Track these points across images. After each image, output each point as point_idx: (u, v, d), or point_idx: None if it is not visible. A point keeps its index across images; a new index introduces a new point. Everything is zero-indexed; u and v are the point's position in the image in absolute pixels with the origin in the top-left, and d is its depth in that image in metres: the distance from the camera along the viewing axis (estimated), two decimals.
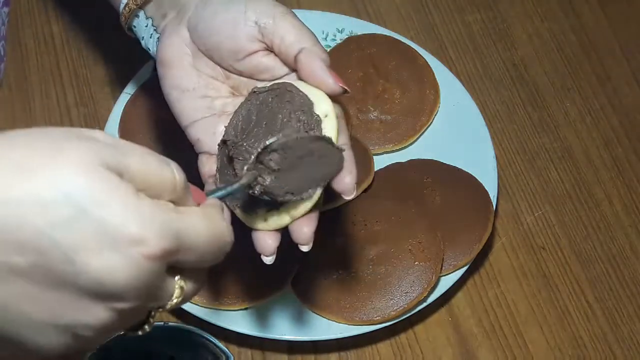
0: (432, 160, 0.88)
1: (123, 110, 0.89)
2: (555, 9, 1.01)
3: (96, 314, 0.44)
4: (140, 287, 0.44)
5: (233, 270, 0.81)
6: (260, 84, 0.67)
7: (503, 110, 0.95)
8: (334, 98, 0.65)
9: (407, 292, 0.80)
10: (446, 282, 0.82)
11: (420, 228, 0.82)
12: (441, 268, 0.81)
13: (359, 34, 0.94)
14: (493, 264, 0.87)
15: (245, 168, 0.60)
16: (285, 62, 0.67)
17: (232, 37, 0.66)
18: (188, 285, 0.49)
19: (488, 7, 1.01)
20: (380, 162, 0.89)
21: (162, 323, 0.74)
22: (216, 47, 0.67)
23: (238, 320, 0.80)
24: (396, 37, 0.94)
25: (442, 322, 0.84)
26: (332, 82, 0.64)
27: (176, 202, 0.48)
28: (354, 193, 0.64)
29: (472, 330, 0.83)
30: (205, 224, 0.48)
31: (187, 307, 0.80)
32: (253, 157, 0.59)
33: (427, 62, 0.92)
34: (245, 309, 0.81)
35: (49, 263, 0.42)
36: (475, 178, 0.86)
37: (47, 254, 0.42)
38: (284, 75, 0.67)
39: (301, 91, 0.64)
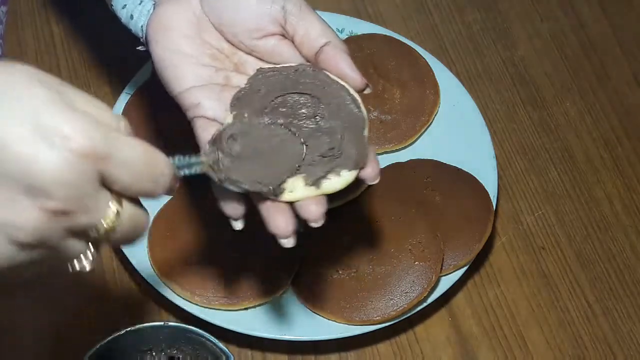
0: (432, 160, 0.88)
1: (123, 110, 0.89)
2: (555, 9, 1.01)
3: (27, 213, 0.47)
4: (67, 185, 0.47)
5: (233, 270, 0.81)
6: (266, 66, 0.67)
7: (503, 110, 0.95)
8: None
9: (407, 292, 0.80)
10: (446, 282, 0.82)
11: (420, 228, 0.82)
12: (441, 268, 0.81)
13: (359, 34, 0.94)
14: (493, 264, 0.87)
15: (203, 150, 0.59)
16: (303, 52, 0.67)
17: (255, 15, 0.66)
18: (125, 213, 0.50)
19: (488, 7, 1.01)
20: (380, 162, 0.88)
21: (162, 323, 0.74)
22: (233, 21, 0.67)
23: (238, 320, 0.80)
24: (396, 37, 0.94)
25: (442, 322, 0.84)
26: (359, 77, 0.66)
27: None
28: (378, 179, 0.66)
29: (472, 330, 0.83)
30: (139, 144, 0.50)
31: (187, 307, 0.80)
32: (211, 137, 0.60)
33: (427, 62, 0.92)
34: (245, 309, 0.81)
35: None
36: (475, 178, 0.86)
37: None
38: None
39: (330, 76, 0.65)
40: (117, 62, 0.96)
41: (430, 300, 0.81)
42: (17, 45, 0.97)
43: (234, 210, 0.64)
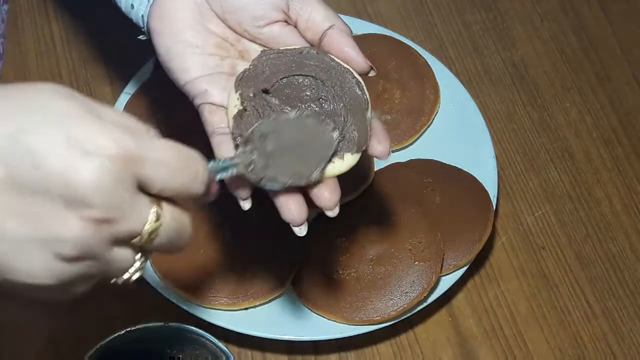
0: (432, 160, 0.88)
1: (123, 110, 0.89)
2: (555, 9, 1.01)
3: (70, 225, 0.46)
4: (106, 192, 0.47)
5: (233, 270, 0.81)
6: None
7: (503, 110, 0.95)
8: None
9: (407, 292, 0.80)
10: (446, 282, 0.82)
11: (420, 228, 0.82)
12: (441, 268, 0.81)
13: (358, 34, 0.94)
14: (493, 264, 0.87)
15: (239, 150, 0.59)
16: (307, 37, 0.67)
17: (258, 2, 0.66)
18: (166, 215, 0.50)
19: (488, 7, 1.01)
20: (380, 162, 0.89)
21: (162, 323, 0.74)
22: (237, 10, 0.67)
23: (238, 320, 0.80)
24: (396, 37, 0.94)
25: (442, 322, 0.84)
26: (363, 59, 0.66)
27: None
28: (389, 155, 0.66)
29: (472, 330, 0.83)
30: (172, 145, 0.51)
31: (187, 307, 0.80)
32: (242, 139, 0.60)
33: (427, 62, 0.92)
34: (245, 309, 0.81)
35: (19, 169, 0.46)
36: (475, 178, 0.86)
37: (17, 160, 0.46)
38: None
39: (334, 58, 0.65)
40: (117, 62, 0.96)
41: (430, 300, 0.81)
42: (17, 45, 0.97)
43: (242, 190, 0.64)
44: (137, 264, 0.52)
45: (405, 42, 0.94)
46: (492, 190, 0.86)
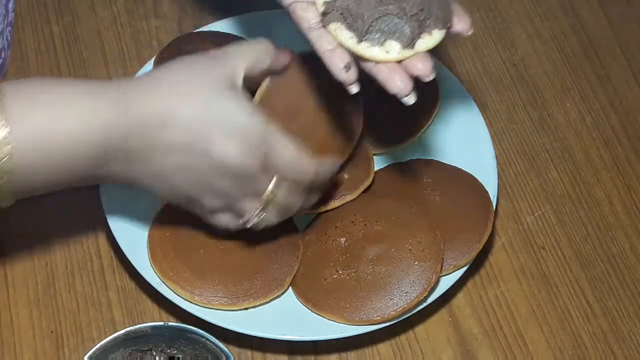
0: (432, 160, 0.88)
1: None
2: (555, 9, 1.01)
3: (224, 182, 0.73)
4: (245, 165, 0.71)
5: (233, 270, 0.81)
6: None
7: (503, 110, 0.95)
8: None
9: (407, 292, 0.80)
10: (446, 282, 0.82)
11: (420, 228, 0.82)
12: (441, 268, 0.81)
13: None
14: (493, 264, 0.87)
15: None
16: None
17: None
18: (278, 195, 0.73)
19: (488, 7, 1.01)
20: (380, 162, 0.89)
21: (162, 323, 0.74)
22: None
23: (238, 320, 0.80)
24: None
25: (442, 322, 0.84)
26: None
27: None
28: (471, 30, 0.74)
29: (472, 330, 0.83)
30: (292, 145, 0.73)
31: (187, 307, 0.79)
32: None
33: None
34: (245, 309, 0.81)
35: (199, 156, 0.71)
36: (475, 178, 0.86)
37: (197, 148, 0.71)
38: None
39: None
40: (117, 62, 0.96)
41: (430, 300, 0.81)
42: (17, 45, 0.96)
43: (347, 69, 0.70)
44: (257, 212, 0.74)
45: None
46: (492, 190, 0.85)
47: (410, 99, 0.70)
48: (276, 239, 0.82)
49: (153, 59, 0.91)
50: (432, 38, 0.72)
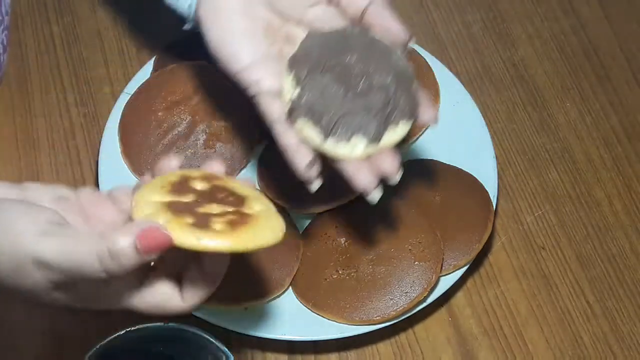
0: (432, 160, 0.88)
1: (123, 110, 0.89)
2: (555, 9, 1.01)
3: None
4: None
5: (233, 270, 0.81)
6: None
7: (503, 110, 0.95)
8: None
9: (407, 292, 0.80)
10: (446, 282, 0.82)
11: (420, 228, 0.82)
12: (441, 268, 0.81)
13: None
14: (493, 264, 0.87)
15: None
16: (349, 15, 0.70)
17: None
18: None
19: (488, 7, 1.01)
20: None
21: (162, 323, 0.74)
22: None
23: (238, 320, 0.80)
24: None
25: (442, 322, 0.84)
26: (404, 31, 0.69)
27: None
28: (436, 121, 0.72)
29: (472, 330, 0.83)
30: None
31: None
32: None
33: (427, 62, 0.92)
34: (245, 309, 0.81)
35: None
36: (475, 178, 0.86)
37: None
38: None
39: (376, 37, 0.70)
40: (117, 62, 0.96)
41: (430, 300, 0.81)
42: (17, 45, 0.96)
43: (310, 167, 0.68)
44: None
45: None
46: (492, 190, 0.86)
47: (375, 196, 0.69)
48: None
49: (153, 59, 0.91)
50: (398, 131, 0.70)
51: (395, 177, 0.69)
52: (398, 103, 0.69)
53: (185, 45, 0.88)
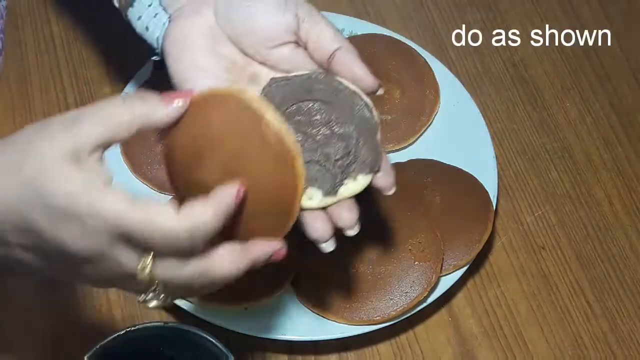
0: (432, 160, 0.88)
1: None
2: (555, 9, 1.01)
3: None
4: (85, 243, 0.58)
5: None
6: (279, 75, 0.68)
7: (503, 110, 0.95)
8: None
9: (407, 292, 0.80)
10: (446, 282, 0.82)
11: (420, 228, 0.82)
12: (441, 268, 0.81)
13: (359, 34, 0.94)
14: (493, 264, 0.87)
15: None
16: (316, 58, 0.68)
17: (270, 24, 0.67)
18: (158, 267, 0.59)
19: (488, 7, 1.01)
20: None
21: (162, 323, 0.74)
22: (248, 32, 0.67)
23: (238, 320, 0.80)
24: (396, 37, 0.94)
25: (442, 322, 0.84)
26: (371, 79, 0.67)
27: None
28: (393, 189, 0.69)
29: (472, 330, 0.83)
30: (148, 216, 0.59)
31: (187, 307, 0.80)
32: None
33: (427, 62, 0.92)
34: (245, 309, 0.81)
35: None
36: (475, 178, 0.86)
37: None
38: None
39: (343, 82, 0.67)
40: (117, 63, 0.96)
41: (430, 300, 0.81)
42: (17, 45, 0.97)
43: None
44: (150, 294, 0.62)
45: (405, 42, 0.94)
46: (492, 190, 0.86)
47: (329, 246, 0.67)
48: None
49: (153, 59, 0.91)
50: (356, 184, 0.67)
51: (352, 230, 0.67)
52: (359, 154, 0.66)
53: None
